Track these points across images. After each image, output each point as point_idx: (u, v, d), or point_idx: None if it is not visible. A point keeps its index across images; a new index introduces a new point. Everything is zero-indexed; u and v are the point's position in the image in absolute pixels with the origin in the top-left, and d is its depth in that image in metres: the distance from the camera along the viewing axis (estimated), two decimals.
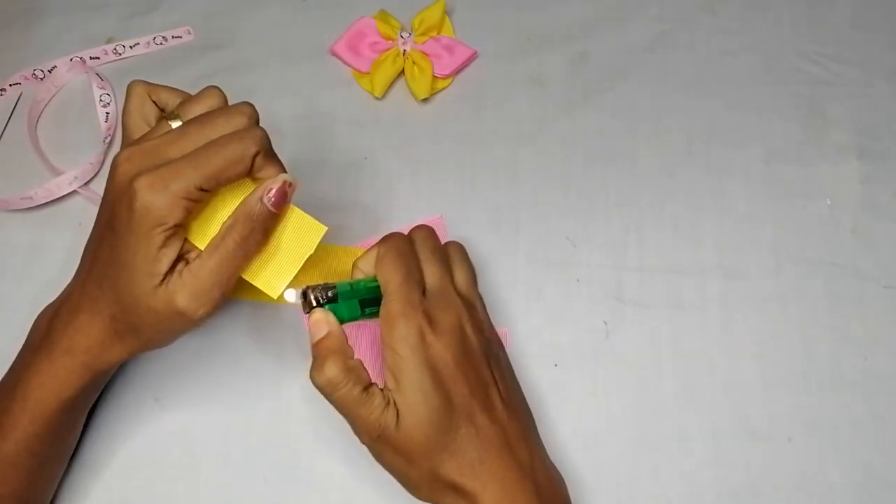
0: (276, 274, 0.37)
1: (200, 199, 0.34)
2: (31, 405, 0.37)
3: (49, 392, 0.37)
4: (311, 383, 0.36)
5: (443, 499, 0.37)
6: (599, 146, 0.51)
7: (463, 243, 0.43)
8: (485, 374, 0.38)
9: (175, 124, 0.37)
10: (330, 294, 0.37)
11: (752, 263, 0.48)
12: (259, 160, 0.35)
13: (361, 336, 0.45)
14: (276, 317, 0.47)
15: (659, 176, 0.50)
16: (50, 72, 0.54)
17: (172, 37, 0.56)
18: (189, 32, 0.56)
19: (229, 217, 0.35)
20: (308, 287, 0.37)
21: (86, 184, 0.51)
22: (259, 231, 0.35)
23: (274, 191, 0.35)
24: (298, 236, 0.37)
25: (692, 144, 0.51)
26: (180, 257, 0.35)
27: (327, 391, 0.36)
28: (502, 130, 0.52)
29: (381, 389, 0.37)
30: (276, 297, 0.37)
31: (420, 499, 0.38)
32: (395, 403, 0.36)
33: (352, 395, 0.36)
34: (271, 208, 0.35)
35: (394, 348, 0.36)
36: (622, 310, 0.47)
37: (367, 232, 0.48)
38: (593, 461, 0.43)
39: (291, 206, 0.37)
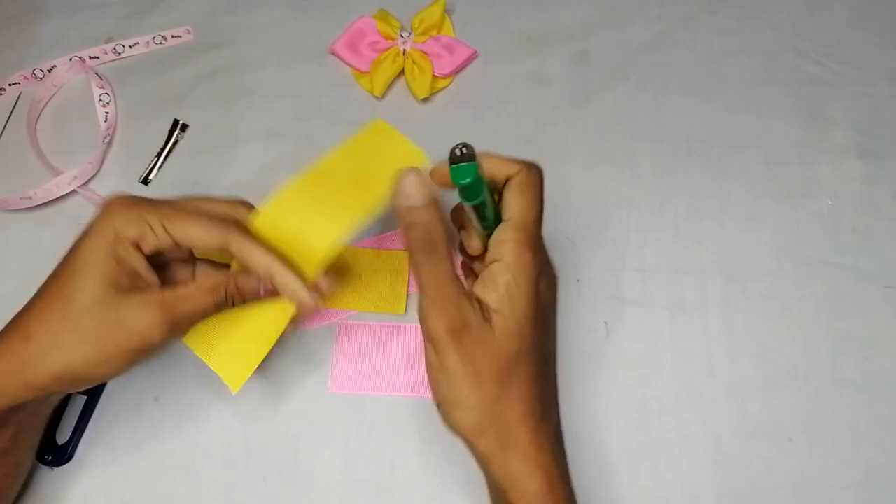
0: (237, 362, 0.39)
1: (164, 240, 0.35)
2: None
3: None
4: (309, 383, 0.36)
5: (485, 437, 0.34)
6: (599, 146, 0.51)
7: None
8: (553, 343, 0.38)
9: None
10: (467, 151, 0.34)
11: (753, 263, 0.48)
12: (237, 242, 0.36)
13: (396, 344, 0.45)
14: None
15: (659, 176, 0.50)
16: (49, 71, 0.54)
17: (172, 36, 0.56)
18: (189, 32, 0.56)
19: (223, 277, 0.37)
20: (464, 144, 0.34)
21: (85, 183, 0.51)
22: (240, 297, 0.38)
23: (244, 280, 0.37)
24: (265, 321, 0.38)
25: (692, 144, 0.51)
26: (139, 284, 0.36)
27: (419, 235, 0.33)
28: (502, 130, 0.52)
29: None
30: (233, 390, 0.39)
31: (456, 428, 0.34)
32: (489, 314, 0.34)
33: (445, 266, 0.33)
34: (263, 295, 0.38)
35: (516, 273, 0.34)
36: (622, 310, 0.47)
37: (366, 232, 0.48)
38: (593, 461, 0.43)
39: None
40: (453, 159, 0.34)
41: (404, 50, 0.53)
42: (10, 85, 0.54)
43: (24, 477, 0.41)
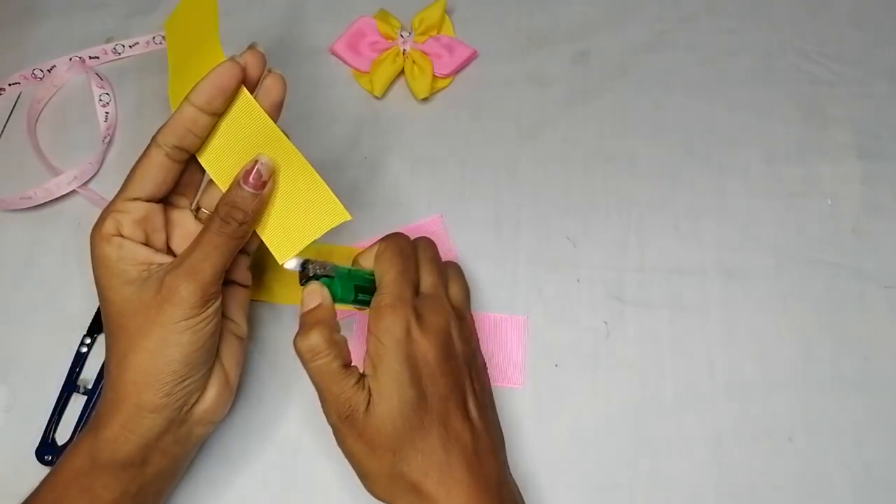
0: (288, 241, 0.37)
1: (134, 209, 0.36)
2: None
3: (82, 450, 0.36)
4: (309, 383, 0.36)
5: (400, 498, 0.36)
6: (599, 146, 0.51)
7: (463, 243, 0.43)
8: (464, 382, 0.38)
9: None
10: (327, 269, 0.38)
11: (753, 263, 0.48)
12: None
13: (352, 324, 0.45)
14: (275, 317, 0.47)
15: (659, 176, 0.50)
16: (49, 71, 0.54)
17: None
18: None
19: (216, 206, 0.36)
20: (308, 260, 0.38)
21: (85, 183, 0.51)
22: (238, 212, 0.36)
23: (250, 174, 0.36)
24: (320, 215, 0.37)
25: (692, 144, 0.51)
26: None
27: (307, 358, 0.36)
28: (502, 130, 0.52)
29: (361, 373, 0.37)
30: (280, 262, 0.37)
31: (375, 495, 0.37)
32: (369, 389, 0.36)
33: (329, 368, 0.36)
34: (252, 191, 0.36)
35: (378, 337, 0.36)
36: (622, 310, 0.47)
37: (366, 232, 0.48)
38: (593, 461, 0.43)
39: (322, 185, 0.37)
40: (307, 280, 0.38)
41: (404, 50, 0.53)
42: (9, 85, 0.54)
43: None
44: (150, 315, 0.35)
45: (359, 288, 0.39)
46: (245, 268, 0.41)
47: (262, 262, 0.48)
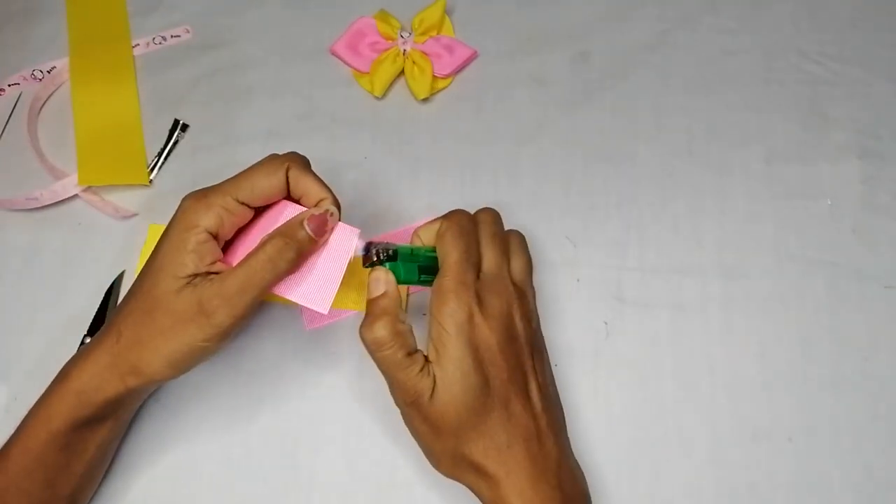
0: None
1: (238, 210, 0.37)
2: (23, 436, 0.38)
3: (39, 422, 0.38)
4: (310, 382, 0.36)
5: (463, 476, 0.38)
6: (599, 146, 0.51)
7: None
8: (526, 364, 0.39)
9: None
10: (390, 253, 0.38)
11: (753, 263, 0.48)
12: (295, 175, 0.38)
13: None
14: (276, 317, 0.47)
15: (659, 176, 0.50)
16: (49, 72, 0.54)
17: (171, 36, 0.56)
18: (188, 31, 0.56)
19: (269, 234, 0.37)
20: (371, 242, 0.38)
21: (90, 186, 0.51)
22: (292, 250, 0.37)
23: (314, 219, 0.38)
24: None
25: (692, 144, 0.51)
26: (210, 274, 0.37)
27: (373, 349, 0.37)
28: (502, 130, 0.52)
29: (426, 358, 0.37)
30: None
31: (441, 471, 0.39)
32: (433, 375, 0.37)
33: (395, 358, 0.36)
34: (311, 234, 0.37)
35: (441, 322, 0.37)
36: (622, 310, 0.47)
37: (366, 232, 0.48)
38: (593, 461, 0.43)
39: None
40: (372, 264, 0.38)
41: (404, 50, 0.53)
42: (9, 85, 0.54)
43: (104, 470, 0.43)
44: (179, 326, 0.36)
45: (422, 269, 0.39)
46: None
47: None
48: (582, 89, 0.53)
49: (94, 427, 0.39)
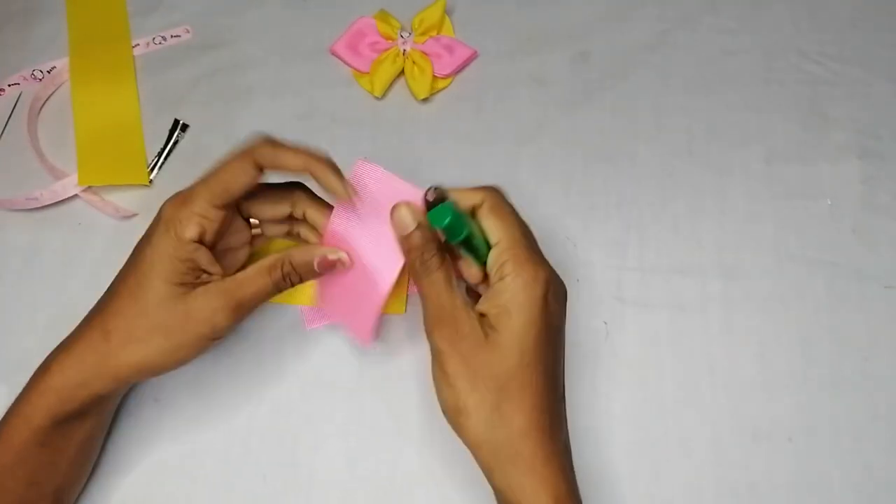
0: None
1: (217, 216, 0.37)
2: (3, 433, 0.38)
3: (19, 420, 0.38)
4: (310, 382, 0.36)
5: (494, 436, 0.35)
6: (600, 146, 0.51)
7: None
8: (562, 355, 0.38)
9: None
10: (438, 193, 0.36)
11: (753, 263, 0.48)
12: (265, 159, 0.38)
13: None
14: (276, 317, 0.47)
15: (659, 176, 0.50)
16: (49, 72, 0.54)
17: (171, 36, 0.56)
18: (188, 31, 0.56)
19: (278, 255, 0.38)
20: (434, 187, 0.37)
21: (90, 186, 0.51)
22: (296, 276, 0.39)
23: (325, 262, 0.39)
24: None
25: (692, 144, 0.51)
26: (200, 283, 0.38)
27: (424, 258, 0.36)
28: (502, 130, 0.52)
29: (480, 312, 0.36)
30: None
31: (464, 430, 0.35)
32: (491, 325, 0.35)
33: (448, 278, 0.36)
34: (317, 270, 0.39)
35: (523, 288, 0.35)
36: (622, 310, 0.47)
37: None
38: (593, 461, 0.43)
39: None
40: (427, 205, 0.37)
41: (404, 50, 0.53)
42: (9, 86, 0.54)
43: (91, 466, 0.43)
44: (181, 324, 0.37)
45: (469, 237, 0.37)
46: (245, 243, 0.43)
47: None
48: (582, 89, 0.53)
49: (75, 423, 0.38)
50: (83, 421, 0.39)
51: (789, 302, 0.47)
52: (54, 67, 0.54)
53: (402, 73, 0.53)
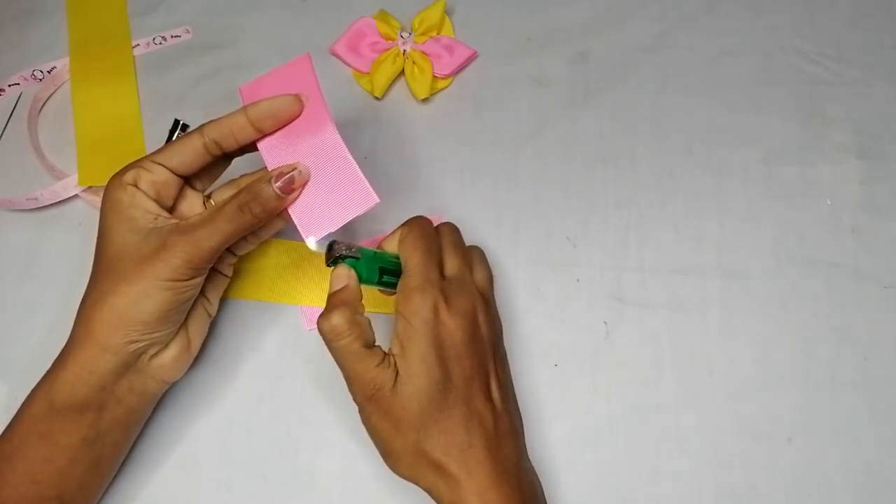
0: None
1: (162, 175, 0.38)
2: (9, 425, 0.38)
3: (22, 408, 0.38)
4: (310, 382, 0.36)
5: (423, 477, 0.37)
6: (599, 146, 0.51)
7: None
8: (488, 364, 0.39)
9: None
10: (353, 251, 0.38)
11: (752, 263, 0.48)
12: (214, 135, 0.39)
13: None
14: (276, 317, 0.47)
15: (659, 176, 0.50)
16: (49, 72, 0.54)
17: (172, 36, 0.56)
18: (188, 31, 0.56)
19: (239, 190, 0.38)
20: (335, 241, 0.38)
21: (90, 187, 0.51)
22: (259, 206, 0.37)
23: (281, 177, 0.38)
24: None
25: (692, 144, 0.51)
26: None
27: (329, 338, 0.37)
28: (502, 130, 0.52)
29: (385, 353, 0.37)
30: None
31: (400, 473, 0.38)
32: (396, 367, 0.37)
33: (352, 348, 0.36)
34: (279, 192, 0.38)
35: (407, 318, 0.37)
36: (622, 310, 0.47)
37: (366, 232, 0.48)
38: (593, 461, 0.43)
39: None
40: (334, 261, 0.38)
41: (404, 50, 0.53)
42: (9, 86, 0.54)
43: (110, 478, 0.42)
44: (142, 266, 0.37)
45: (384, 270, 0.39)
46: (230, 264, 0.44)
47: (263, 259, 0.48)
48: (582, 90, 0.53)
49: (73, 415, 0.38)
50: (82, 413, 0.38)
51: (789, 302, 0.47)
52: (54, 68, 0.54)
53: (402, 73, 0.53)
